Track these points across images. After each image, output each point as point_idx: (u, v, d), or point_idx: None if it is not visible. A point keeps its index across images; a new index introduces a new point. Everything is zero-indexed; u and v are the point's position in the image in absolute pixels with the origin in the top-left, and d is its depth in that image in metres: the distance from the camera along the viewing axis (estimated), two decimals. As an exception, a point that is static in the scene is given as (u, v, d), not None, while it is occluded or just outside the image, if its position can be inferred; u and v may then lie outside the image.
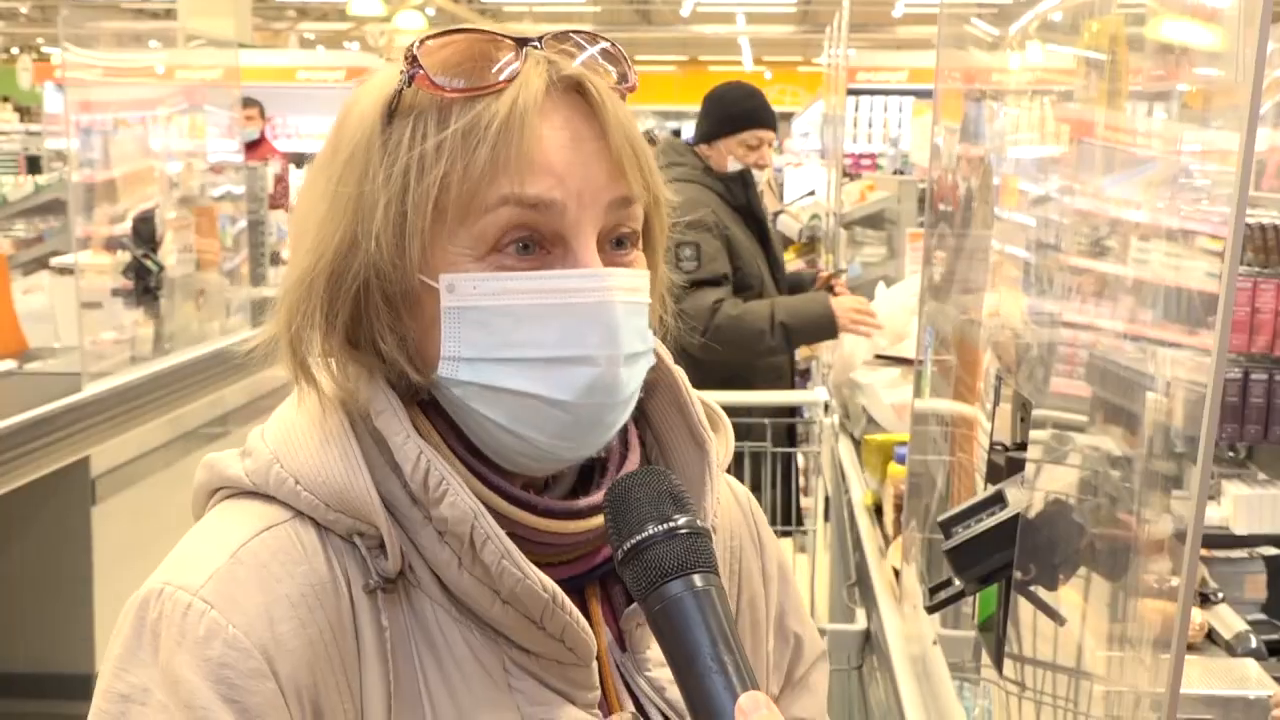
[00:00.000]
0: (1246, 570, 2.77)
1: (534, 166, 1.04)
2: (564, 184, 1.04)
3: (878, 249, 8.21)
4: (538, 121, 1.04)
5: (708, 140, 4.77)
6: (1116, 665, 1.60)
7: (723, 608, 0.99)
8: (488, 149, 1.03)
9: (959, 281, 2.70)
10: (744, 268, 4.61)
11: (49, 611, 4.97)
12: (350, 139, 1.08)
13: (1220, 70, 1.44)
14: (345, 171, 1.07)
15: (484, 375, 1.06)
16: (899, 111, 15.30)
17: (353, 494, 1.05)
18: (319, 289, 1.07)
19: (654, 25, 27.09)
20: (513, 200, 1.04)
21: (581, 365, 1.05)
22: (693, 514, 1.02)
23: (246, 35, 13.45)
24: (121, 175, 5.74)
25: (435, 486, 1.05)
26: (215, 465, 1.12)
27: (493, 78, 1.05)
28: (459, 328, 1.06)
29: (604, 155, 1.07)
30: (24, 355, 5.57)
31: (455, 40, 1.07)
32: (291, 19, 25.03)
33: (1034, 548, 1.76)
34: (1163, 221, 1.60)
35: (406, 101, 1.06)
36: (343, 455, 1.07)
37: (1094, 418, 1.75)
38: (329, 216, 1.08)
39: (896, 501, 3.20)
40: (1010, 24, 2.66)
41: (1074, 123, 2.11)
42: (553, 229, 1.05)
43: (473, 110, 1.04)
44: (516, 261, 1.05)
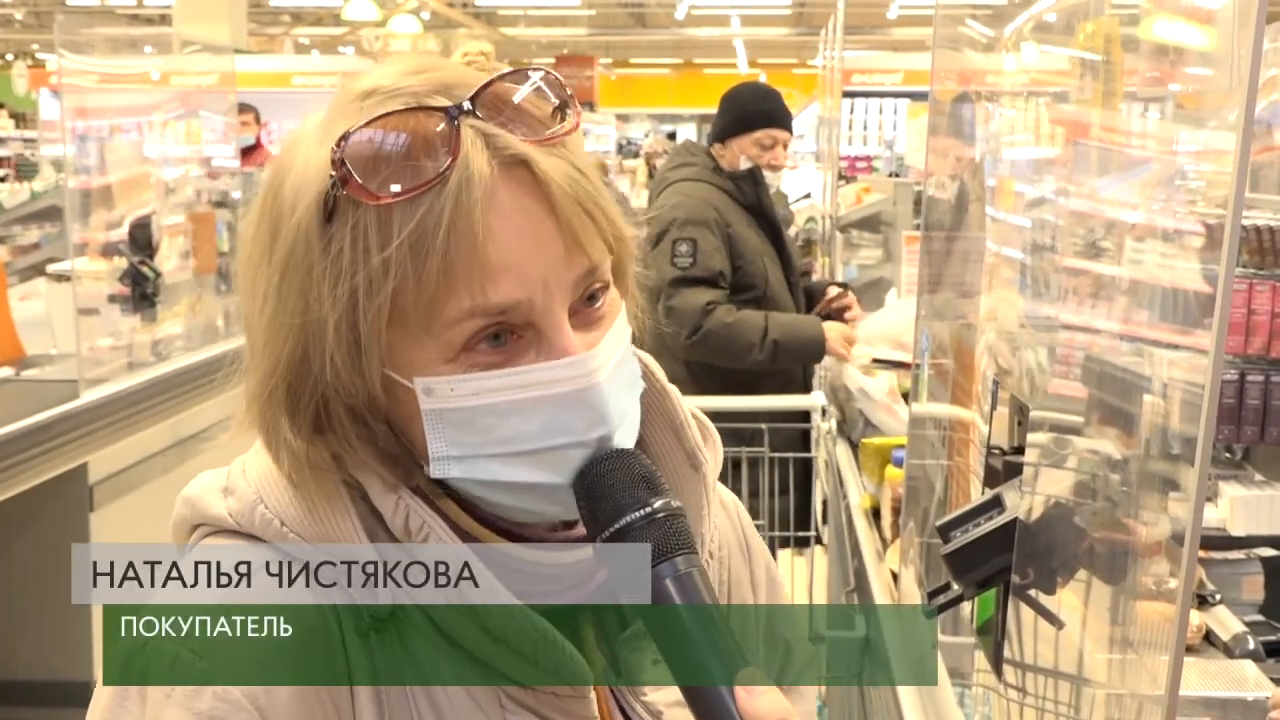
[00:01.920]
0: (1244, 572, 2.78)
1: (492, 271, 0.98)
2: (525, 279, 0.99)
3: (873, 251, 8.22)
4: (487, 215, 0.97)
5: (721, 139, 4.76)
6: (1115, 668, 1.60)
7: (706, 587, 0.98)
8: (439, 259, 0.97)
9: (955, 285, 2.70)
10: (746, 267, 4.58)
11: (47, 618, 4.96)
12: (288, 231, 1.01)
13: (1214, 71, 1.44)
14: (286, 271, 1.01)
15: (476, 471, 1.03)
16: (894, 114, 15.32)
17: (339, 536, 1.03)
18: (279, 399, 1.04)
19: (648, 28, 27.08)
20: (478, 312, 0.98)
21: (575, 449, 1.02)
22: (667, 495, 1.01)
23: (242, 41, 13.44)
24: (118, 181, 5.73)
25: (417, 530, 1.03)
26: (196, 502, 1.09)
27: (430, 171, 0.97)
28: (442, 428, 1.02)
29: (559, 234, 1.00)
30: (21, 362, 5.57)
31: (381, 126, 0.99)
32: (286, 24, 25.04)
33: (1032, 552, 1.76)
34: (1158, 222, 1.60)
35: (342, 203, 0.99)
36: (328, 497, 1.04)
37: (1091, 420, 1.75)
38: (276, 324, 1.02)
39: (894, 505, 3.20)
40: (1005, 25, 2.66)
41: (1069, 124, 2.12)
42: (522, 320, 1.00)
43: (416, 215, 0.97)
44: (489, 356, 1.01)
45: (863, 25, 22.71)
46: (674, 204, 4.59)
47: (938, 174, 2.89)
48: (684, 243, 4.45)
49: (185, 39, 7.16)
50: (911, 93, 14.19)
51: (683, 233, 4.49)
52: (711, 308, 4.42)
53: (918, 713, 2.27)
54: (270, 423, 1.05)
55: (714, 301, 4.44)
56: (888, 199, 7.95)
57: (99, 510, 5.04)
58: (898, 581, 2.90)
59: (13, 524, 4.87)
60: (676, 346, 4.48)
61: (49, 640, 4.98)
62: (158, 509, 5.01)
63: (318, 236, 1.00)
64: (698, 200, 4.59)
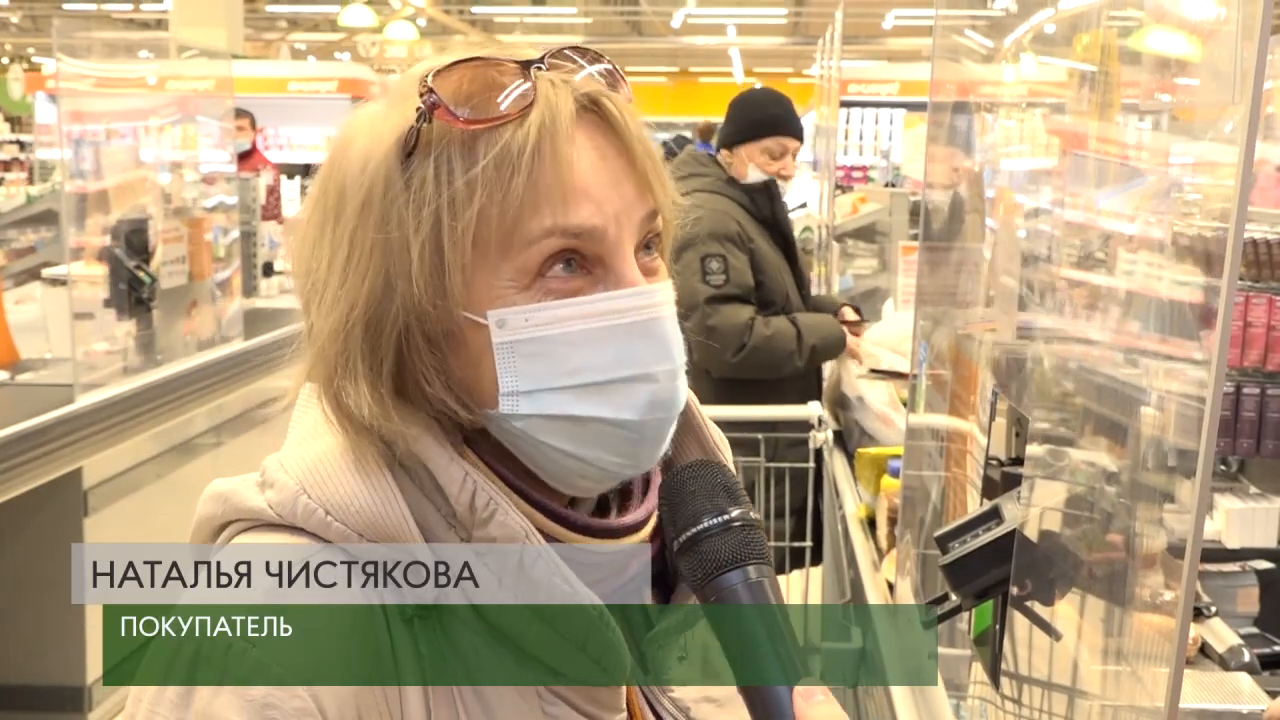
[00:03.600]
0: (1239, 584, 2.78)
1: (573, 194, 1.03)
2: (602, 209, 1.04)
3: (869, 261, 8.22)
4: (568, 145, 1.03)
5: (729, 145, 4.66)
6: (1114, 680, 1.60)
7: (775, 598, 1.02)
8: (524, 178, 1.01)
9: (952, 295, 2.71)
10: (768, 282, 4.51)
11: (41, 624, 4.96)
12: (359, 184, 1.05)
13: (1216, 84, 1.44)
14: (361, 218, 1.04)
15: (545, 405, 1.04)
16: (890, 124, 15.33)
17: (387, 521, 1.04)
18: (356, 339, 1.05)
19: (645, 36, 27.10)
20: (558, 231, 1.02)
21: (642, 383, 1.05)
22: (745, 506, 1.05)
23: (238, 46, 13.41)
24: (114, 186, 5.72)
25: (484, 506, 1.04)
26: (230, 498, 1.08)
27: (514, 105, 1.03)
28: (514, 361, 1.04)
29: (630, 172, 1.06)
30: (16, 366, 5.56)
31: (462, 69, 1.05)
32: (283, 30, 25.03)
33: (1030, 563, 1.76)
34: (1155, 235, 1.60)
35: (424, 138, 1.04)
36: (375, 483, 1.05)
37: (1085, 431, 1.75)
38: (352, 266, 1.05)
39: (890, 515, 3.19)
40: (1003, 36, 2.67)
41: (1065, 135, 2.12)
42: (594, 252, 1.05)
43: (500, 140, 1.02)
44: (562, 284, 1.04)
45: (859, 35, 22.70)
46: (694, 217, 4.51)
47: (937, 183, 2.89)
48: (714, 259, 4.37)
49: (182, 44, 7.16)
50: (907, 103, 14.20)
51: (710, 248, 4.39)
52: (751, 324, 4.37)
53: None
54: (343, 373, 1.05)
55: (753, 316, 4.39)
56: (884, 209, 7.96)
57: (93, 515, 5.03)
58: (894, 592, 2.90)
59: (7, 529, 4.87)
60: (713, 364, 4.42)
61: (43, 645, 4.97)
62: (152, 514, 5.02)
63: (397, 175, 1.04)
64: (718, 213, 4.48)
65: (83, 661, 4.98)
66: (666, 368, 1.06)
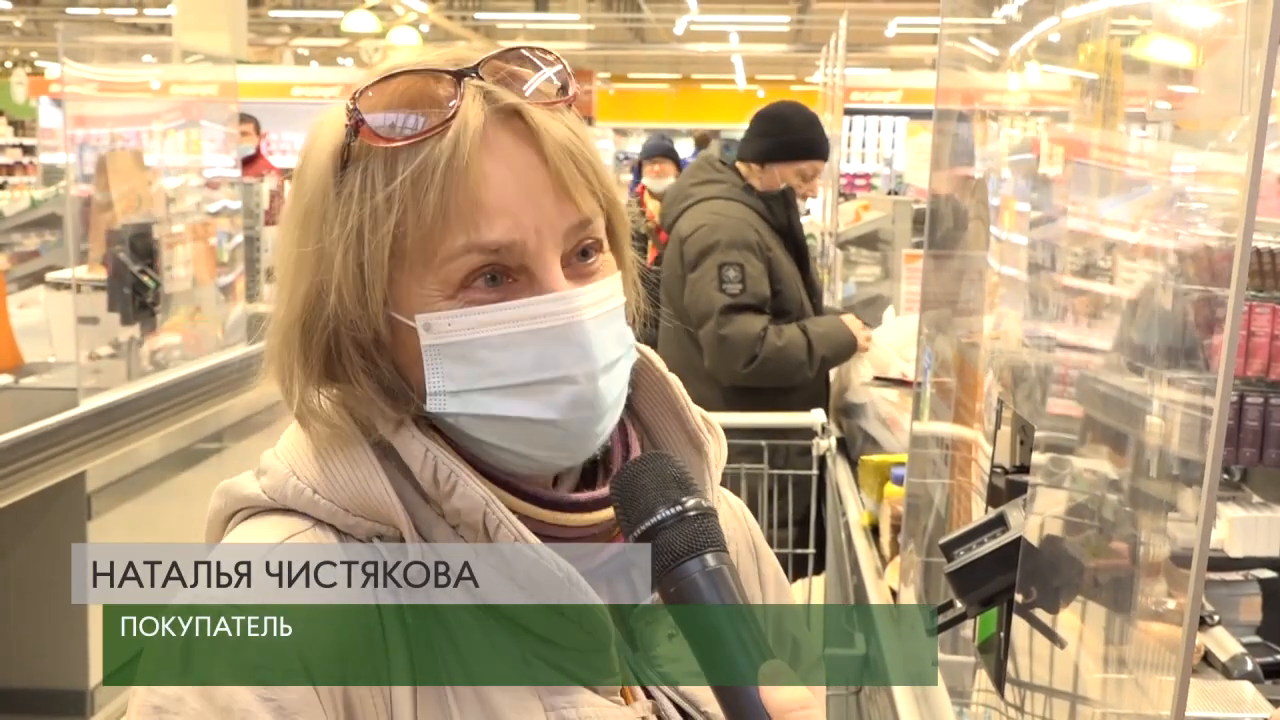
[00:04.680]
0: (1242, 593, 2.78)
1: (488, 210, 1.06)
2: (519, 223, 1.06)
3: (872, 269, 8.22)
4: (482, 159, 1.06)
5: (760, 160, 4.59)
6: (1120, 689, 1.60)
7: (735, 584, 1.02)
8: (436, 194, 1.05)
9: (957, 303, 2.71)
10: (784, 291, 4.48)
11: (44, 627, 4.96)
12: (308, 189, 1.11)
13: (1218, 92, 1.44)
14: (305, 223, 1.10)
15: (471, 405, 1.09)
16: (893, 132, 15.33)
17: (370, 495, 1.09)
18: (293, 340, 1.11)
19: (647, 43, 27.10)
20: (474, 248, 1.06)
21: (563, 384, 1.09)
22: (699, 495, 1.06)
23: (242, 51, 13.45)
24: (118, 190, 5.73)
25: (445, 480, 1.08)
26: (231, 489, 1.14)
27: (434, 119, 1.06)
28: (440, 362, 1.09)
29: (551, 183, 1.08)
30: (20, 370, 5.57)
31: (394, 84, 1.09)
32: (286, 35, 25.05)
33: (1035, 571, 1.76)
34: (1159, 244, 1.60)
35: (355, 152, 1.08)
36: (356, 461, 1.10)
37: (1089, 440, 1.76)
38: (296, 269, 1.11)
39: (894, 522, 3.20)
40: (1007, 44, 2.67)
41: (1068, 143, 2.12)
42: (516, 263, 1.08)
43: (418, 156, 1.06)
44: (485, 294, 1.08)
45: (861, 43, 22.71)
46: (712, 225, 4.45)
47: (940, 191, 2.90)
48: (731, 267, 4.34)
49: (186, 49, 7.17)
50: (910, 111, 14.20)
51: (728, 256, 4.36)
52: (764, 334, 4.34)
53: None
54: (285, 364, 1.12)
55: (765, 328, 4.36)
56: (886, 217, 7.95)
57: (97, 519, 5.04)
58: (897, 599, 2.90)
59: (11, 532, 4.87)
60: (723, 373, 4.41)
61: (46, 649, 4.97)
62: (156, 518, 5.03)
63: (332, 185, 1.09)
64: (737, 221, 4.45)
65: (85, 665, 4.99)
66: (586, 369, 1.09)
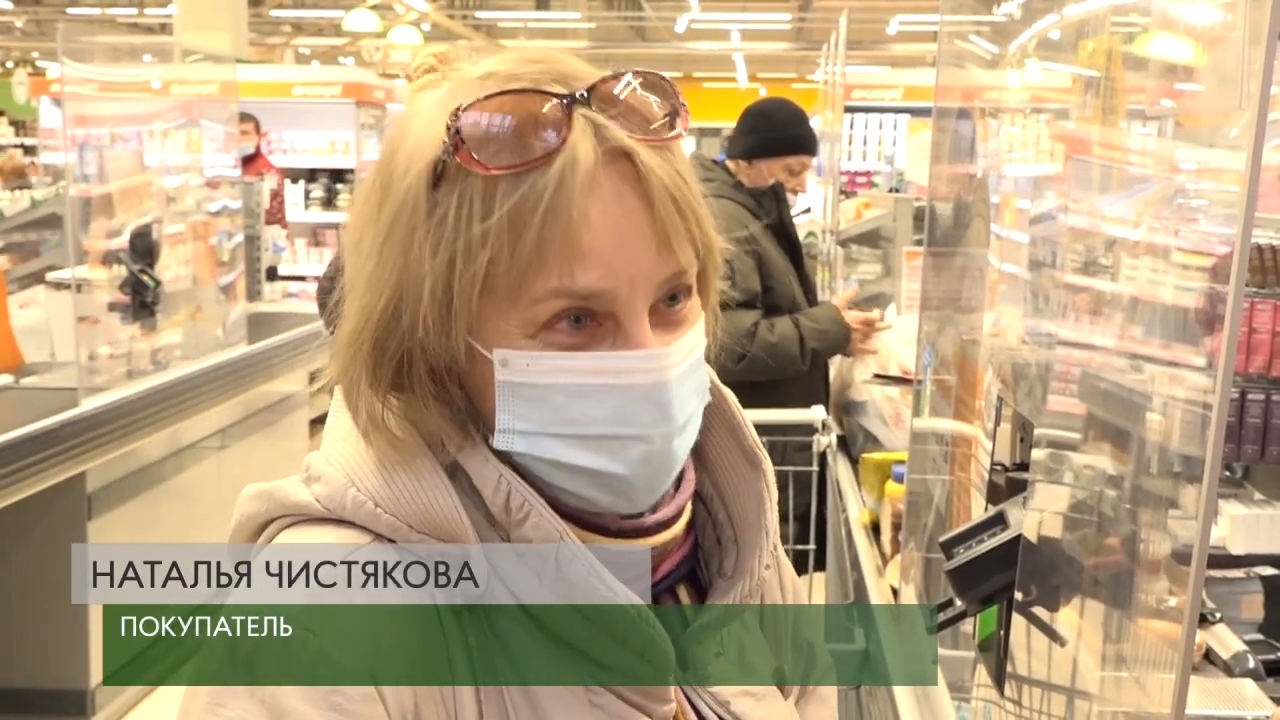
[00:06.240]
0: (1243, 590, 2.77)
1: (583, 256, 1.01)
2: (614, 271, 1.02)
3: (873, 267, 8.21)
4: (585, 201, 1.01)
5: (748, 157, 4.61)
6: (1120, 686, 1.59)
7: None
8: (534, 234, 1.00)
9: (957, 300, 2.70)
10: (775, 287, 4.49)
11: (44, 627, 4.96)
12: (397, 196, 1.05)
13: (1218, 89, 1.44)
14: (391, 233, 1.05)
15: (539, 448, 1.06)
16: (894, 129, 15.30)
17: (438, 513, 1.05)
18: (365, 352, 1.07)
19: (648, 41, 27.11)
20: (564, 293, 1.02)
21: (636, 443, 1.05)
22: None
23: (243, 51, 13.44)
24: (118, 190, 5.73)
25: (518, 508, 1.05)
26: (274, 494, 1.09)
27: (538, 150, 1.00)
28: (513, 402, 1.05)
29: (652, 233, 1.03)
30: (20, 370, 5.57)
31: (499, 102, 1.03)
32: (287, 34, 25.04)
33: (1036, 568, 1.76)
34: (1161, 240, 1.60)
35: (451, 170, 1.03)
36: (423, 477, 1.06)
37: (1089, 437, 1.75)
38: (375, 278, 1.06)
39: (894, 520, 3.19)
40: (1007, 42, 2.67)
41: (1069, 140, 2.12)
42: (605, 310, 1.04)
43: (518, 190, 1.00)
44: (568, 338, 1.04)
45: (862, 41, 22.69)
46: None
47: (941, 188, 2.89)
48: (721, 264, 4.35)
49: (186, 48, 7.17)
50: (912, 108, 14.16)
51: None
52: (755, 329, 4.35)
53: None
54: (353, 375, 1.08)
55: (755, 323, 4.36)
56: (888, 214, 7.94)
57: (97, 519, 5.04)
58: (898, 597, 2.90)
59: (11, 532, 4.87)
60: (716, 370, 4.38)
61: (46, 649, 4.97)
62: (156, 518, 5.02)
63: (424, 200, 1.03)
64: (726, 218, 4.43)
65: (86, 665, 4.99)
66: (663, 430, 1.05)
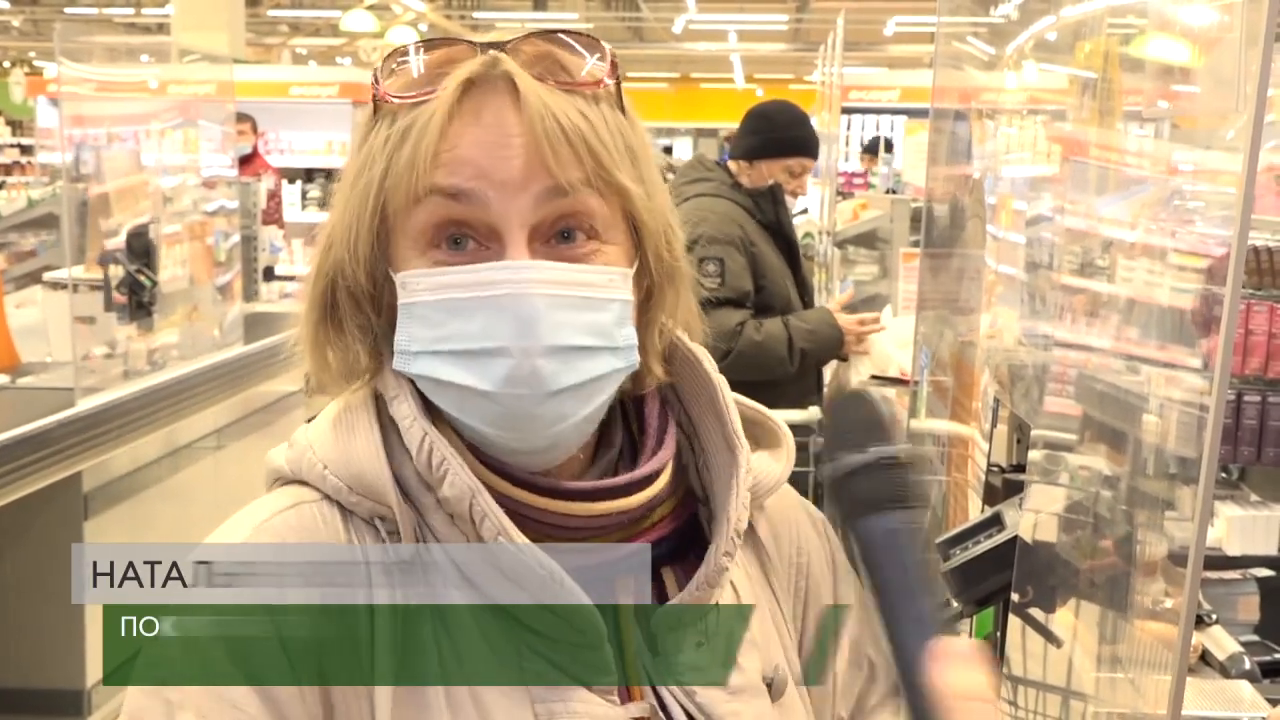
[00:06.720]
0: (1239, 592, 2.77)
1: (455, 160, 1.06)
2: (486, 175, 1.06)
3: (870, 268, 8.22)
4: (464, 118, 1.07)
5: (749, 157, 4.62)
6: (1116, 687, 1.59)
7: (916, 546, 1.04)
8: (412, 144, 1.07)
9: (954, 301, 2.71)
10: (769, 287, 4.50)
11: (41, 627, 4.95)
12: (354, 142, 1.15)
13: (1215, 90, 1.44)
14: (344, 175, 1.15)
15: (426, 367, 1.10)
16: (891, 130, 15.30)
17: (370, 477, 1.09)
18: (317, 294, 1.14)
19: (646, 42, 27.10)
20: (436, 190, 1.06)
21: (500, 357, 1.07)
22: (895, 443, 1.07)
23: (240, 51, 13.44)
24: (115, 190, 5.72)
25: (437, 466, 1.08)
26: (269, 461, 1.18)
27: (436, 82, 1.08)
28: (408, 322, 1.10)
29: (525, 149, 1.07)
30: (16, 370, 5.56)
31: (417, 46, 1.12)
32: (284, 35, 25.04)
33: (1032, 570, 1.76)
34: (1157, 242, 1.60)
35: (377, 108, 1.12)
36: (365, 442, 1.11)
37: (1085, 438, 1.75)
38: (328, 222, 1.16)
39: (891, 521, 3.19)
40: (1004, 43, 2.67)
41: (1066, 142, 2.12)
42: (483, 222, 1.07)
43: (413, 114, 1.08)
44: (450, 256, 1.08)
45: (860, 42, 22.70)
46: (695, 220, 4.44)
47: (937, 190, 2.89)
48: (711, 262, 4.34)
49: (183, 48, 7.16)
50: (909, 109, 14.18)
51: (709, 251, 4.36)
52: (740, 329, 4.35)
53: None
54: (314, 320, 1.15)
55: (743, 320, 4.37)
56: (884, 215, 7.96)
57: (93, 519, 5.02)
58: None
59: (7, 532, 4.86)
60: None
61: (43, 649, 4.97)
62: (152, 518, 5.00)
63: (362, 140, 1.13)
64: (721, 217, 4.46)
65: (82, 665, 4.98)
66: (523, 344, 1.06)
